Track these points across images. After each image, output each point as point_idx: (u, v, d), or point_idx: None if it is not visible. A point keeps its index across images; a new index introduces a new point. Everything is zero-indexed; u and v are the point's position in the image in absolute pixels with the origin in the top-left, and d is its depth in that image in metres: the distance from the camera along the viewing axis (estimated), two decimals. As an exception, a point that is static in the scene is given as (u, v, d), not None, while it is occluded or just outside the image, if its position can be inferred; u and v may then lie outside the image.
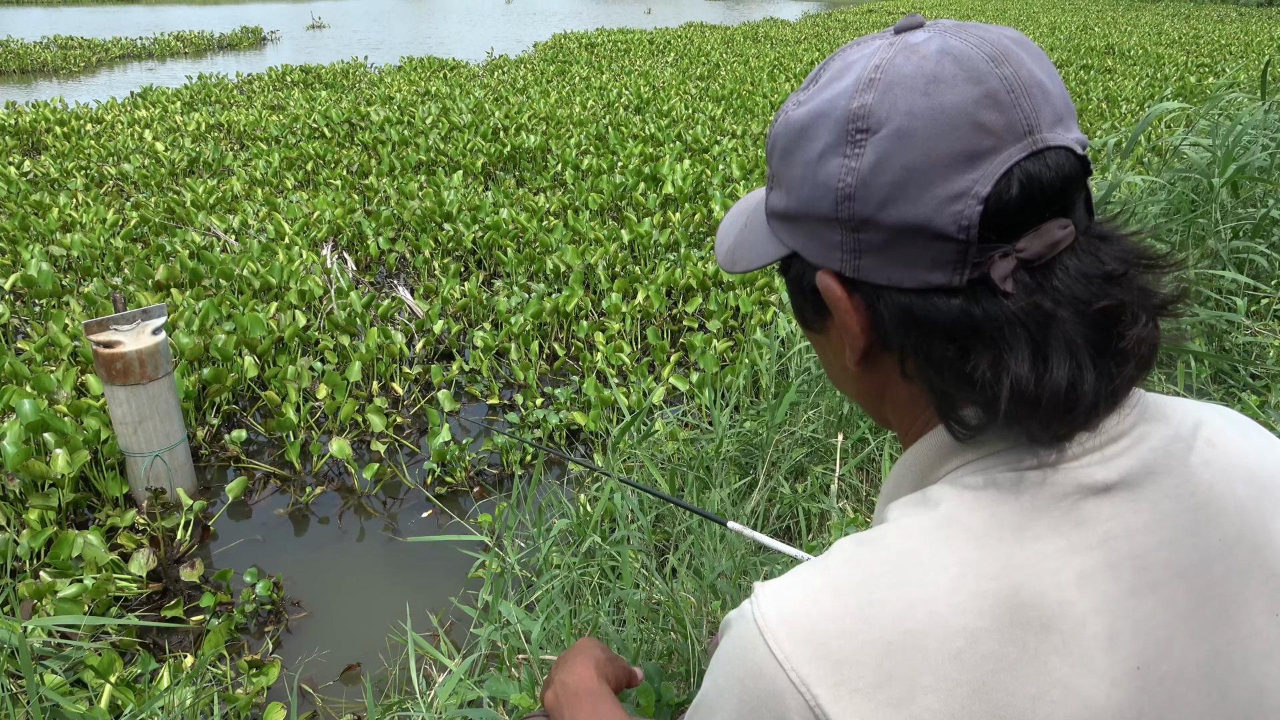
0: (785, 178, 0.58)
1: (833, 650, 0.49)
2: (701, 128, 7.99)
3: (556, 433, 3.38)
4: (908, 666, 0.48)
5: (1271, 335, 2.72)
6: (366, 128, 8.11)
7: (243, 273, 4.39)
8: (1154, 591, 0.51)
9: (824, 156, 0.54)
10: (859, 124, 0.53)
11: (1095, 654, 0.49)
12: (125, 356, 2.70)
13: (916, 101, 0.51)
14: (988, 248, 0.51)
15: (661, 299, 4.31)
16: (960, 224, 0.51)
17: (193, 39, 18.16)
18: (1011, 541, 0.51)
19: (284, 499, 3.11)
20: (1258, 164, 3.17)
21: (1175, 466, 0.55)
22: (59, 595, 2.33)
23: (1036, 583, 0.50)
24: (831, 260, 0.56)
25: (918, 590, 0.50)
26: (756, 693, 0.51)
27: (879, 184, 0.52)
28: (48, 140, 7.48)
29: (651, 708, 1.51)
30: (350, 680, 2.36)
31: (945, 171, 0.51)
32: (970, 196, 0.50)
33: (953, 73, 0.51)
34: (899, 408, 0.62)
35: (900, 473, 0.62)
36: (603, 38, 17.41)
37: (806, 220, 0.57)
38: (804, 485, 2.47)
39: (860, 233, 0.54)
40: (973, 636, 0.48)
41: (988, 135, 0.50)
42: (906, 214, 0.52)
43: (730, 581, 1.92)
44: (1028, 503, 0.52)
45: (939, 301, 0.53)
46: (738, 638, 0.53)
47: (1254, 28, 19.53)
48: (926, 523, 0.53)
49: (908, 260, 0.53)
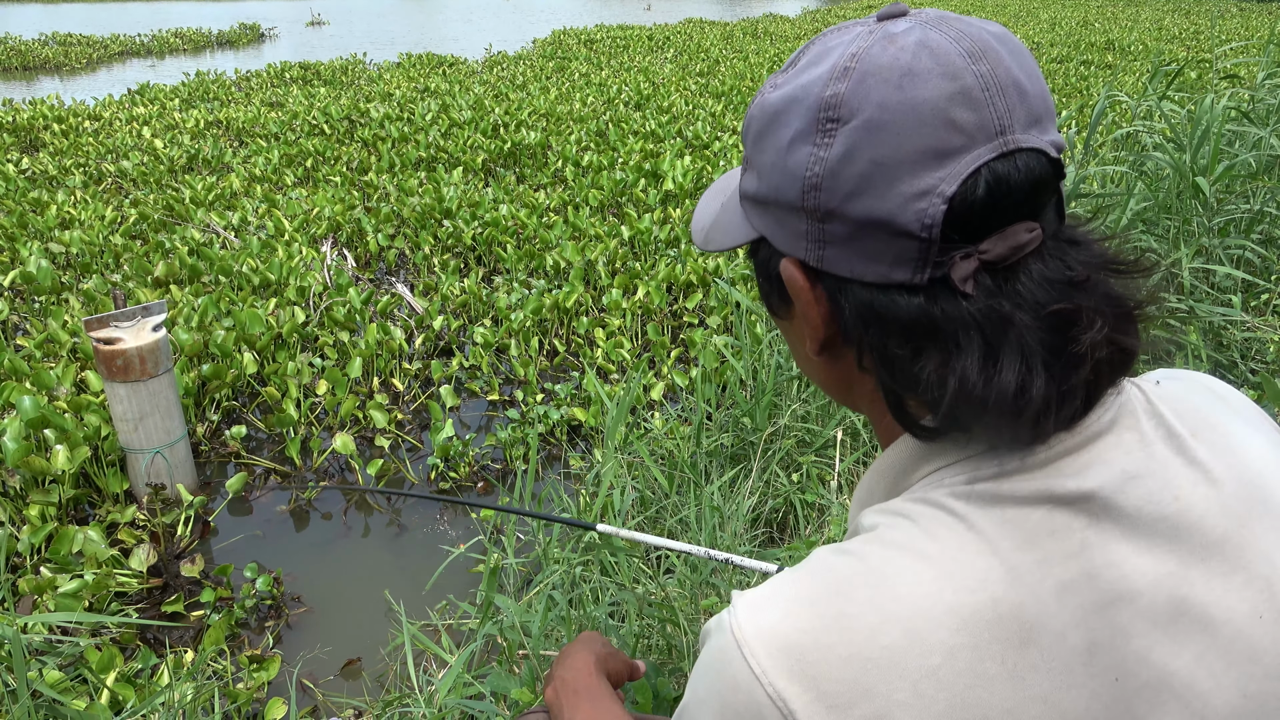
0: (757, 162, 0.58)
1: (809, 665, 0.48)
2: (702, 124, 7.98)
3: (557, 429, 3.39)
4: (884, 684, 0.47)
5: (1271, 330, 2.73)
6: (366, 124, 8.10)
7: (242, 269, 4.39)
8: (1133, 600, 0.50)
9: (794, 143, 0.54)
10: (830, 113, 0.52)
11: (1075, 667, 0.48)
12: (126, 353, 2.70)
13: (889, 94, 0.50)
14: (950, 247, 0.50)
15: (662, 295, 4.31)
16: (924, 222, 0.50)
17: (191, 36, 18.15)
18: (989, 553, 0.50)
19: (284, 495, 3.11)
20: (1241, 163, 3.17)
21: (1157, 469, 0.53)
22: (59, 591, 2.33)
23: (1014, 595, 0.49)
24: (797, 249, 0.56)
25: (893, 604, 0.49)
26: (735, 706, 0.50)
27: (846, 175, 0.51)
28: (46, 137, 7.48)
29: (649, 704, 1.52)
30: (351, 675, 2.37)
31: (912, 168, 0.50)
32: (935, 195, 0.49)
33: (928, 67, 0.50)
34: (867, 401, 0.62)
35: (873, 479, 0.61)
36: (602, 34, 17.38)
37: (775, 206, 0.57)
38: (799, 475, 2.47)
39: (825, 224, 0.53)
40: (950, 652, 0.48)
41: (958, 133, 0.49)
42: (871, 208, 0.51)
43: (727, 581, 1.93)
44: (1000, 514, 0.51)
45: (899, 298, 0.52)
46: (716, 649, 0.52)
47: (1254, 23, 19.50)
48: (901, 534, 0.52)
49: (870, 255, 0.52)
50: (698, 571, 1.95)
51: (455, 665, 1.78)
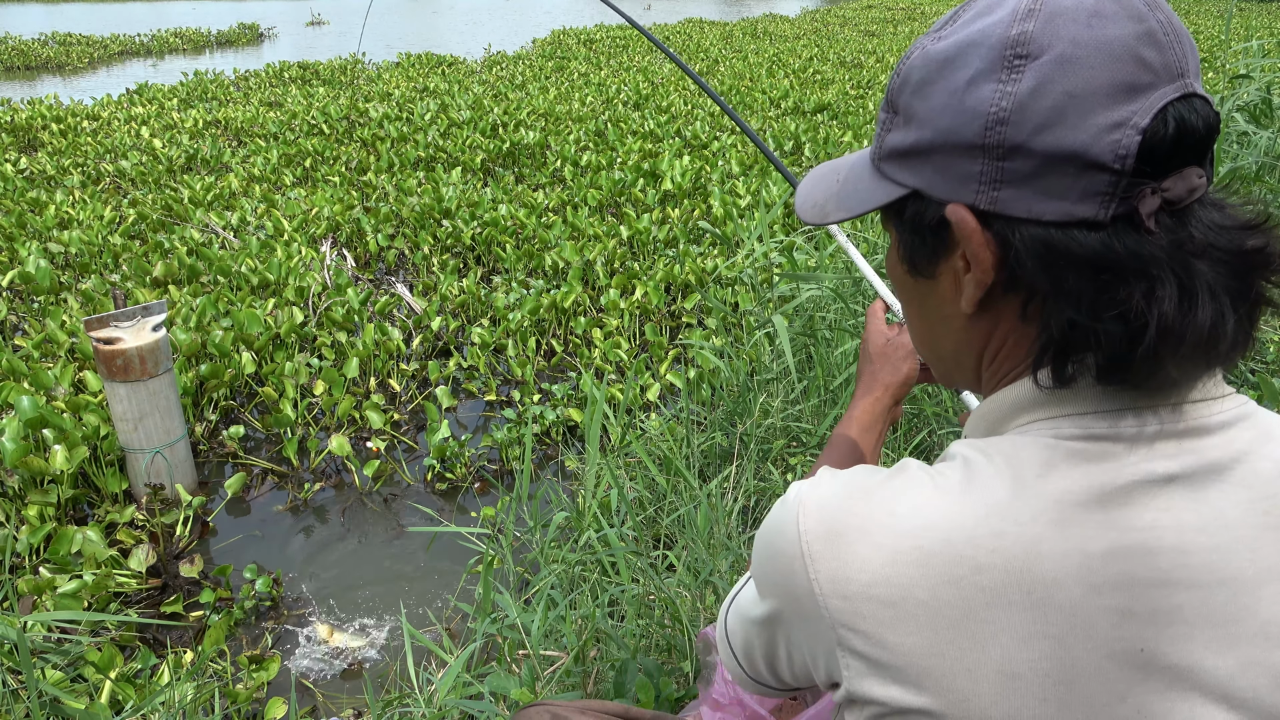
0: (918, 111, 0.57)
1: (843, 543, 0.54)
2: (700, 124, 7.98)
3: (553, 429, 3.39)
4: (906, 577, 0.51)
5: (1271, 330, 2.73)
6: (365, 124, 8.10)
7: (241, 269, 4.39)
8: (1189, 589, 0.51)
9: (974, 83, 0.54)
10: (1018, 49, 0.52)
11: (1100, 624, 0.50)
12: (125, 353, 2.70)
13: (1080, 31, 0.51)
14: (1138, 182, 0.51)
15: (660, 295, 4.31)
16: (1117, 153, 0.50)
17: (191, 35, 18.14)
18: (1052, 497, 0.52)
19: (282, 495, 3.11)
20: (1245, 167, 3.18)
21: (1253, 480, 0.54)
22: (59, 591, 2.33)
23: (1062, 542, 0.50)
24: (964, 193, 0.55)
25: (939, 517, 0.52)
26: (776, 548, 0.58)
27: (1036, 108, 0.52)
28: (44, 137, 7.47)
29: (651, 703, 1.52)
30: (350, 676, 2.37)
31: (1106, 100, 0.50)
32: (1129, 127, 0.50)
33: (1113, 9, 0.52)
34: (993, 357, 0.62)
35: (975, 420, 0.64)
36: (602, 34, 17.38)
37: (939, 152, 0.56)
38: (792, 474, 2.48)
39: (1006, 160, 0.53)
40: (978, 569, 0.50)
41: (1147, 70, 0.51)
42: (1063, 140, 0.51)
43: (727, 580, 1.93)
44: (1085, 470, 0.53)
45: (1079, 235, 0.52)
46: (785, 502, 0.59)
47: (1254, 23, 19.51)
48: (980, 461, 0.55)
49: (1054, 191, 0.52)
50: (699, 574, 1.95)
51: (455, 665, 1.78)
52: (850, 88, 10.25)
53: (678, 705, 1.55)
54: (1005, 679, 0.50)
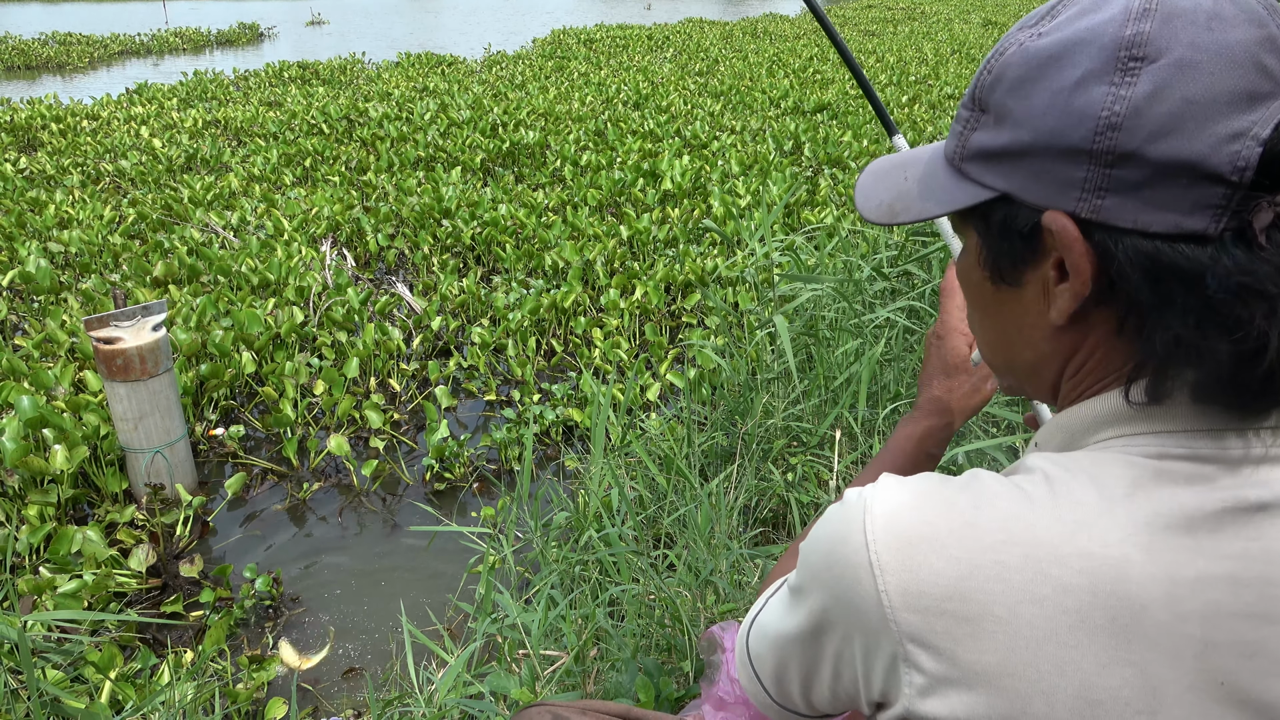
0: (1014, 110, 0.54)
1: (917, 553, 0.51)
2: (700, 124, 7.98)
3: (553, 429, 3.39)
4: (984, 593, 0.49)
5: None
6: (365, 124, 8.10)
7: (241, 269, 4.39)
8: (1274, 624, 0.49)
9: (1082, 84, 0.51)
10: (1134, 51, 0.50)
11: (1185, 654, 0.48)
12: (126, 353, 2.70)
13: (1199, 35, 0.49)
14: (1253, 195, 0.48)
15: (660, 295, 4.31)
16: (1236, 165, 0.48)
17: (191, 35, 18.13)
18: (1141, 519, 0.50)
19: (282, 495, 3.11)
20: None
21: None
22: (59, 591, 2.33)
23: (1150, 566, 0.49)
24: (1063, 200, 0.53)
25: (1023, 531, 0.50)
26: (838, 556, 0.55)
27: (1153, 114, 0.49)
28: (43, 137, 7.47)
29: (651, 703, 1.52)
30: (351, 676, 2.37)
31: (1226, 109, 0.48)
32: (1250, 137, 0.48)
33: (1233, 13, 0.49)
34: (1077, 369, 0.59)
35: (1050, 430, 0.61)
36: (602, 33, 17.38)
37: (1038, 155, 0.53)
38: (793, 475, 2.48)
39: (1115, 168, 0.51)
40: (1063, 589, 0.49)
41: (1268, 79, 0.48)
42: (1179, 149, 0.49)
43: (728, 580, 1.93)
44: (1173, 492, 0.51)
45: (1186, 249, 0.49)
46: (847, 504, 0.56)
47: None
48: (1063, 477, 0.52)
49: (1163, 202, 0.50)
50: (699, 574, 1.95)
51: (455, 665, 1.78)
52: (850, 87, 10.25)
53: (678, 705, 1.55)
54: (1085, 705, 0.48)
